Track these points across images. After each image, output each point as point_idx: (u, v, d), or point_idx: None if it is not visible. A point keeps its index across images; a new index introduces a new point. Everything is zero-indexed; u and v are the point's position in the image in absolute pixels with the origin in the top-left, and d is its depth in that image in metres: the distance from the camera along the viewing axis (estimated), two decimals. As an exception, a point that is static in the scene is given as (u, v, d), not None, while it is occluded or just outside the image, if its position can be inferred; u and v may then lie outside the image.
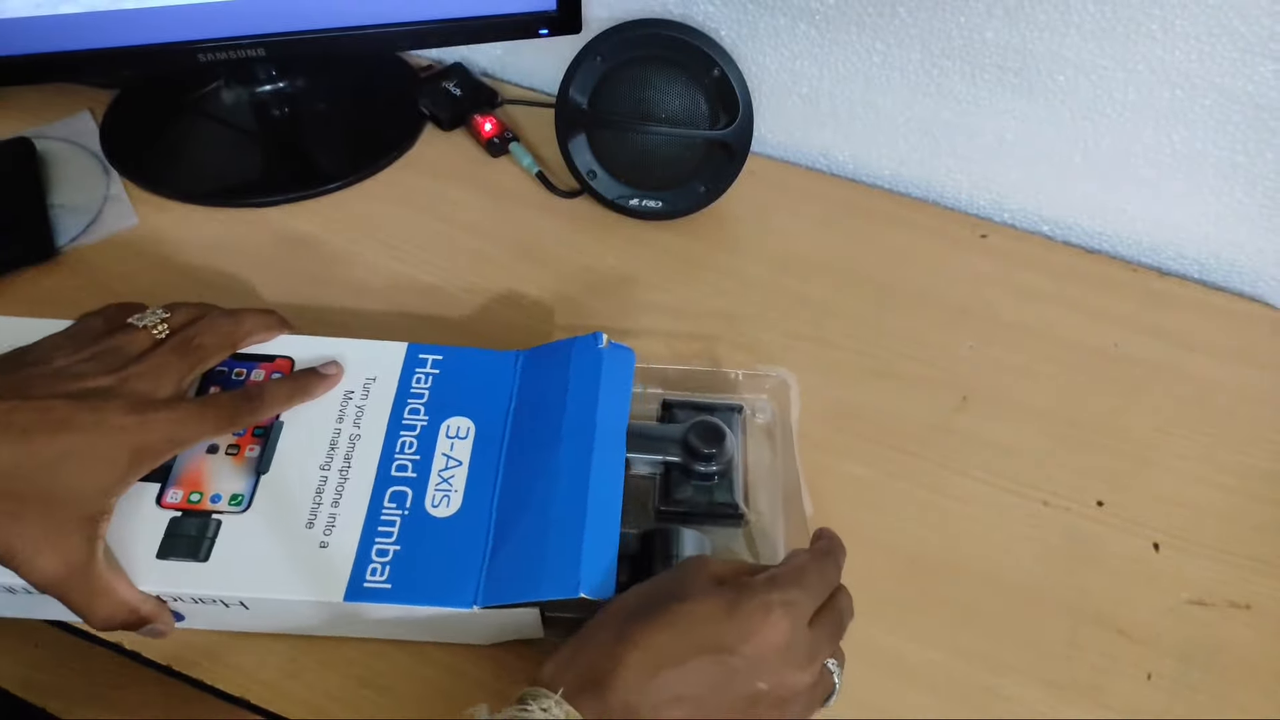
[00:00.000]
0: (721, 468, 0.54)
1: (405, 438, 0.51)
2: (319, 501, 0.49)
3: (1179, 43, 0.62)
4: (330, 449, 0.50)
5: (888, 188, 0.80)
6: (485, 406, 0.53)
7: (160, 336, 0.50)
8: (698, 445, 0.54)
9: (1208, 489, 0.60)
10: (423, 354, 0.55)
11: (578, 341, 0.54)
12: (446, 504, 0.49)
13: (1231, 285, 0.73)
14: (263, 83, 0.79)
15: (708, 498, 0.54)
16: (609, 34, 0.69)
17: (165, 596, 0.46)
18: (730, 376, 0.60)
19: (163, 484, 0.48)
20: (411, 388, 0.53)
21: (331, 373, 0.53)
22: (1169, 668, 0.52)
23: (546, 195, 0.76)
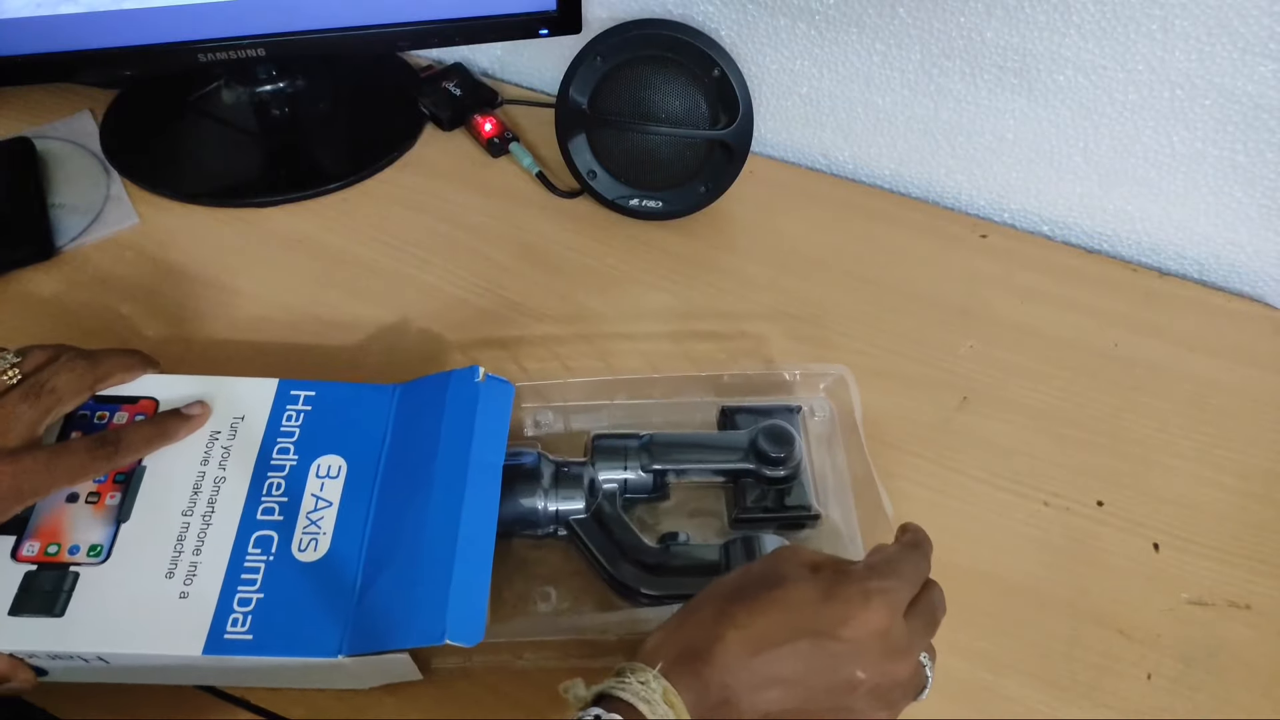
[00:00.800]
0: (790, 470, 0.54)
1: (273, 479, 0.49)
2: (180, 550, 0.47)
3: (1179, 43, 0.62)
4: (194, 494, 0.48)
5: (888, 188, 0.80)
6: (358, 443, 0.51)
7: (11, 382, 0.47)
8: (767, 449, 0.53)
9: (1208, 489, 0.60)
10: (295, 390, 0.53)
11: (454, 375, 0.52)
12: (314, 547, 0.47)
13: (1231, 285, 0.73)
14: (263, 83, 0.79)
15: (780, 501, 0.54)
16: (609, 34, 0.69)
17: (20, 654, 0.44)
18: (785, 377, 0.60)
19: (19, 536, 0.46)
20: (282, 426, 0.51)
21: (195, 413, 0.51)
22: (1169, 668, 0.52)
23: (546, 195, 0.76)
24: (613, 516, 0.52)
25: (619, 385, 0.58)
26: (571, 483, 0.52)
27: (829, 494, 0.56)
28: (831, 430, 0.58)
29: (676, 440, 0.55)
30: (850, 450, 0.56)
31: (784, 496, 0.54)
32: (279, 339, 0.65)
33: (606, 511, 0.52)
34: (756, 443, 0.54)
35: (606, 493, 0.53)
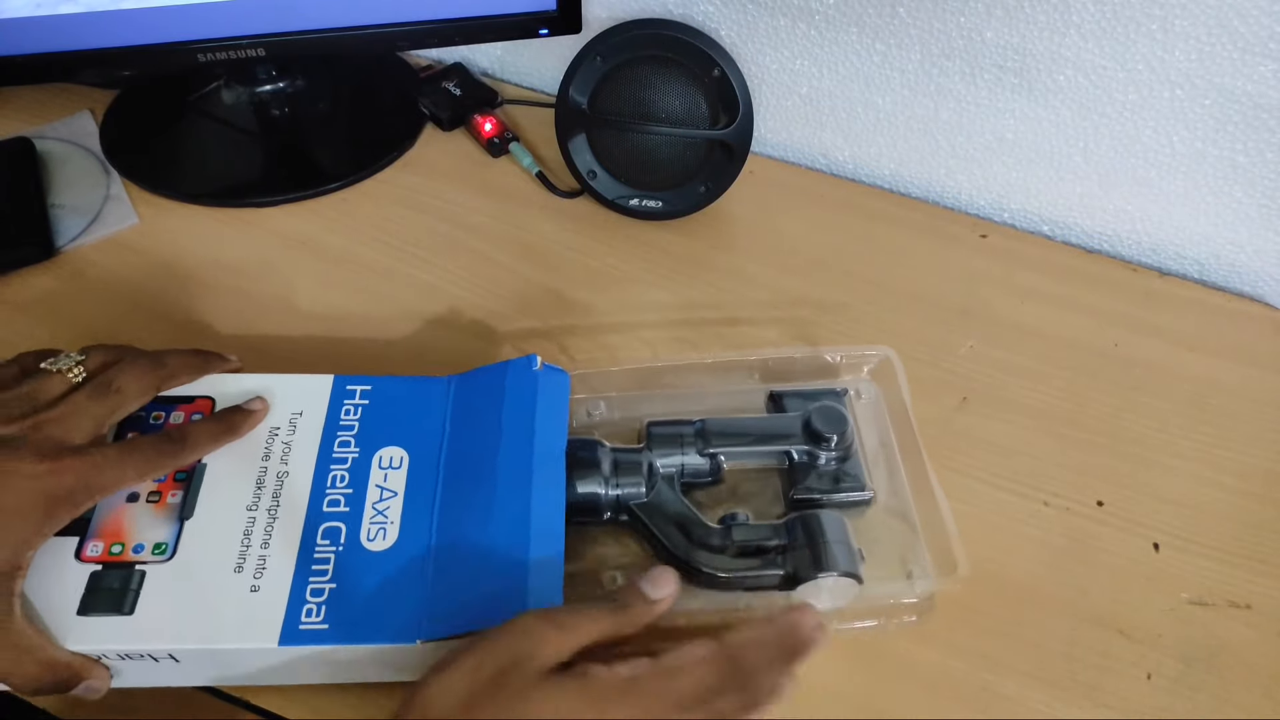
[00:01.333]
0: (843, 451, 0.55)
1: (336, 471, 0.50)
2: (248, 544, 0.47)
3: (1179, 43, 0.62)
4: (257, 489, 0.49)
5: (888, 188, 0.80)
6: (418, 435, 0.52)
7: (76, 380, 0.47)
8: (821, 430, 0.54)
9: (1208, 489, 0.60)
10: (350, 385, 0.53)
11: (512, 365, 0.53)
12: (383, 537, 0.48)
13: (1231, 285, 0.73)
14: (263, 83, 0.79)
15: (835, 482, 0.55)
16: (609, 34, 0.69)
17: (90, 655, 0.44)
18: (830, 360, 0.60)
19: (82, 537, 0.46)
20: (341, 420, 0.52)
21: (257, 408, 0.51)
22: (1169, 668, 0.52)
23: (546, 195, 0.76)
24: (673, 500, 0.53)
25: (664, 371, 0.59)
26: (631, 469, 0.53)
27: (880, 474, 0.57)
28: (879, 411, 0.59)
29: (731, 424, 0.56)
30: (899, 430, 0.57)
31: (838, 477, 0.55)
32: (278, 339, 0.65)
33: (666, 495, 0.53)
34: (810, 424, 0.55)
35: (665, 477, 0.54)
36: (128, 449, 0.46)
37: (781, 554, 0.51)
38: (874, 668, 0.52)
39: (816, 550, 0.50)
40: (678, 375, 0.59)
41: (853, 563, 0.50)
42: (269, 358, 0.64)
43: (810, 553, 0.50)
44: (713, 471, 0.55)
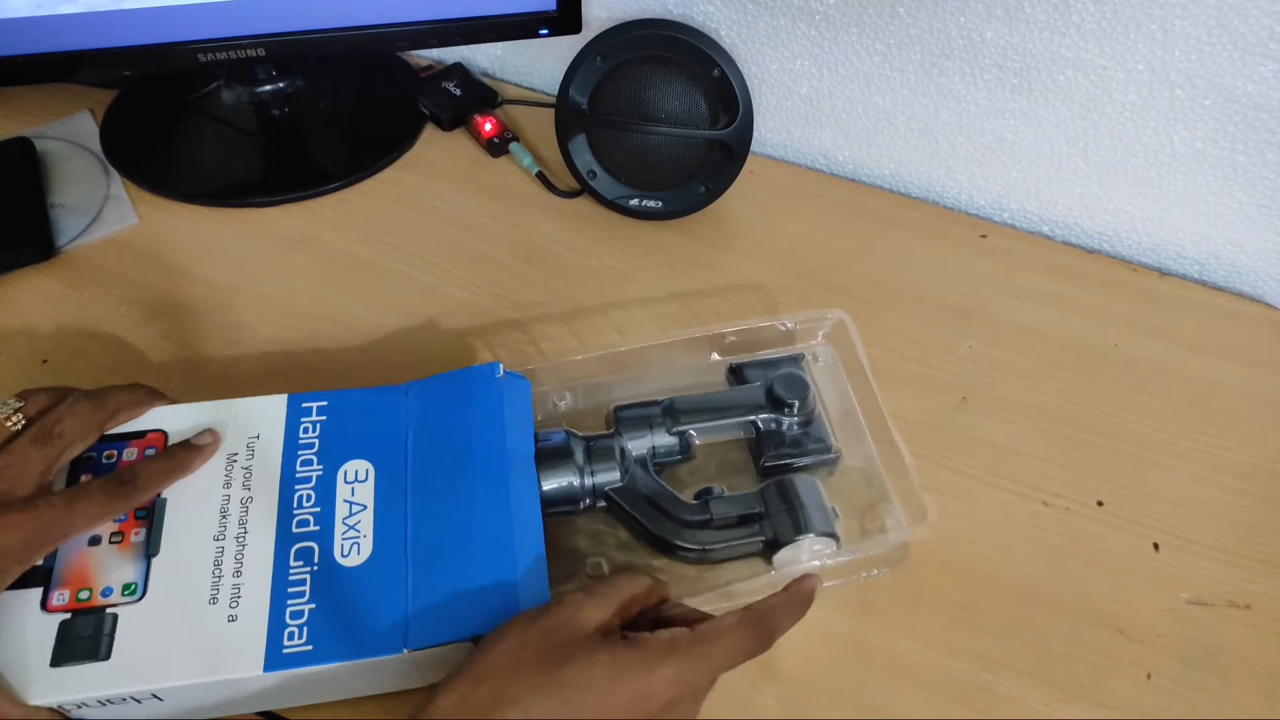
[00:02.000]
0: (807, 415, 0.57)
1: (301, 491, 0.49)
2: (219, 574, 0.46)
3: (1179, 43, 0.62)
4: (222, 518, 0.48)
5: (888, 188, 0.80)
6: (381, 446, 0.51)
7: (16, 428, 0.46)
8: (783, 397, 0.56)
9: (1208, 489, 0.60)
10: (305, 403, 0.52)
11: (475, 371, 0.53)
12: (357, 551, 0.47)
13: (1231, 285, 0.73)
14: (263, 83, 0.79)
15: (801, 447, 0.56)
16: (609, 34, 0.69)
17: (69, 705, 0.43)
18: (784, 328, 0.61)
19: (46, 586, 0.45)
20: (300, 439, 0.51)
21: (206, 442, 0.50)
22: (1169, 668, 0.52)
23: (546, 195, 0.76)
24: (647, 481, 0.54)
25: (626, 355, 0.60)
26: (603, 455, 0.53)
27: (845, 434, 0.58)
28: (836, 373, 0.60)
29: (696, 401, 0.57)
30: (858, 389, 0.59)
31: (804, 440, 0.56)
32: (279, 339, 0.65)
33: (640, 477, 0.54)
34: (772, 392, 0.56)
35: (637, 459, 0.54)
36: (76, 496, 0.45)
37: (759, 521, 0.52)
38: (874, 668, 0.52)
39: (794, 514, 0.52)
40: (639, 358, 0.60)
41: (828, 522, 0.52)
42: (269, 357, 0.64)
43: (788, 517, 0.52)
44: (683, 449, 0.56)
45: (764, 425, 0.57)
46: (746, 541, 0.52)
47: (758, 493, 0.53)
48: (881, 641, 0.53)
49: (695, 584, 0.52)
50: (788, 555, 0.51)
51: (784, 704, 0.50)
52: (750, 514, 0.52)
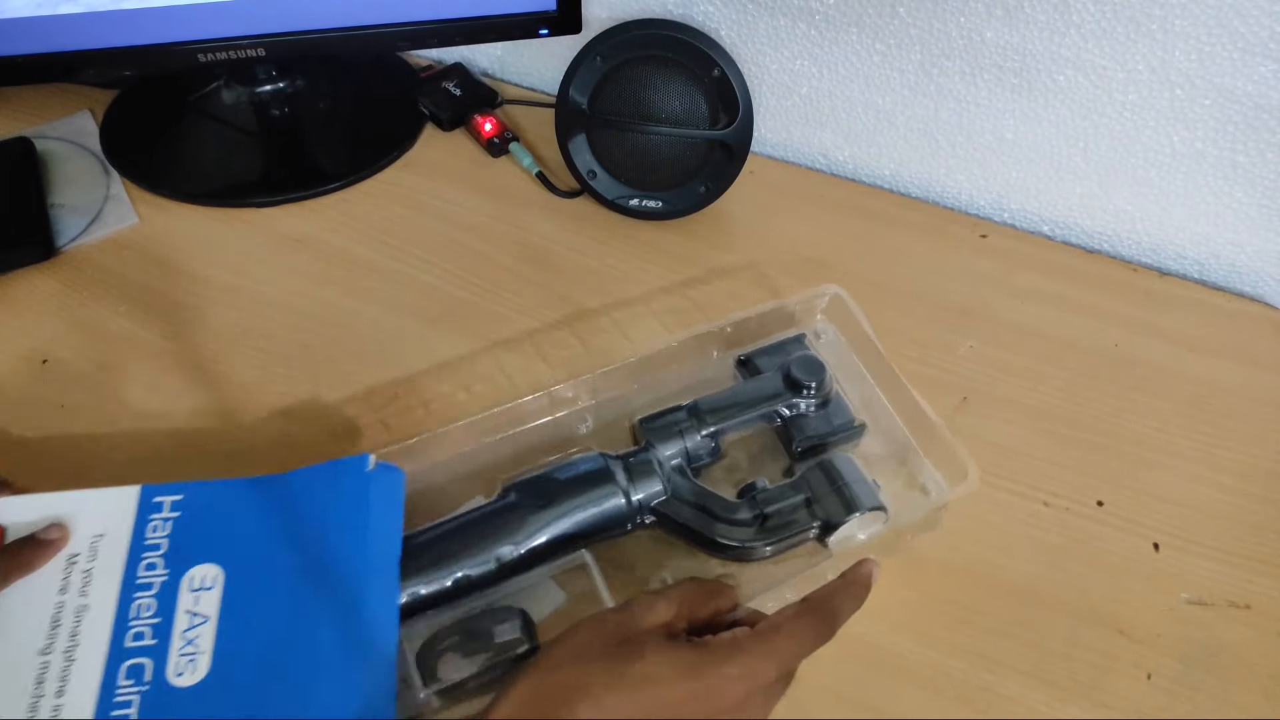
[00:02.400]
0: (824, 395, 0.57)
1: (141, 600, 0.44)
2: (40, 694, 0.42)
3: (1179, 43, 0.62)
4: (53, 628, 0.43)
5: (888, 188, 0.80)
6: (236, 548, 0.46)
7: None
8: (802, 380, 0.56)
9: (1208, 489, 0.60)
10: (159, 496, 0.48)
11: (343, 464, 0.49)
12: (192, 670, 0.43)
13: (1231, 285, 0.73)
14: (263, 83, 0.79)
15: (828, 425, 0.56)
16: (609, 34, 0.69)
17: None
18: (786, 310, 0.62)
19: None
20: (147, 539, 0.46)
21: (54, 537, 0.46)
22: (1169, 668, 0.52)
23: (546, 195, 0.76)
24: (689, 487, 0.54)
25: (641, 365, 0.59)
26: (643, 470, 0.53)
27: (864, 405, 0.58)
28: (841, 347, 0.61)
29: (719, 400, 0.57)
30: (866, 360, 0.59)
31: (829, 419, 0.57)
32: (277, 339, 0.65)
33: (682, 485, 0.54)
34: (790, 376, 0.57)
35: (675, 468, 0.54)
36: None
37: (809, 507, 0.52)
38: (874, 667, 0.52)
39: (841, 494, 0.52)
40: (652, 364, 0.60)
41: (875, 496, 0.52)
42: (267, 357, 0.64)
43: (836, 498, 0.52)
44: (715, 449, 0.56)
45: (788, 410, 0.57)
46: (802, 531, 0.52)
47: (801, 479, 0.54)
48: (882, 641, 0.53)
49: (756, 582, 0.52)
50: (843, 535, 0.52)
51: (784, 704, 0.50)
52: (798, 502, 0.53)
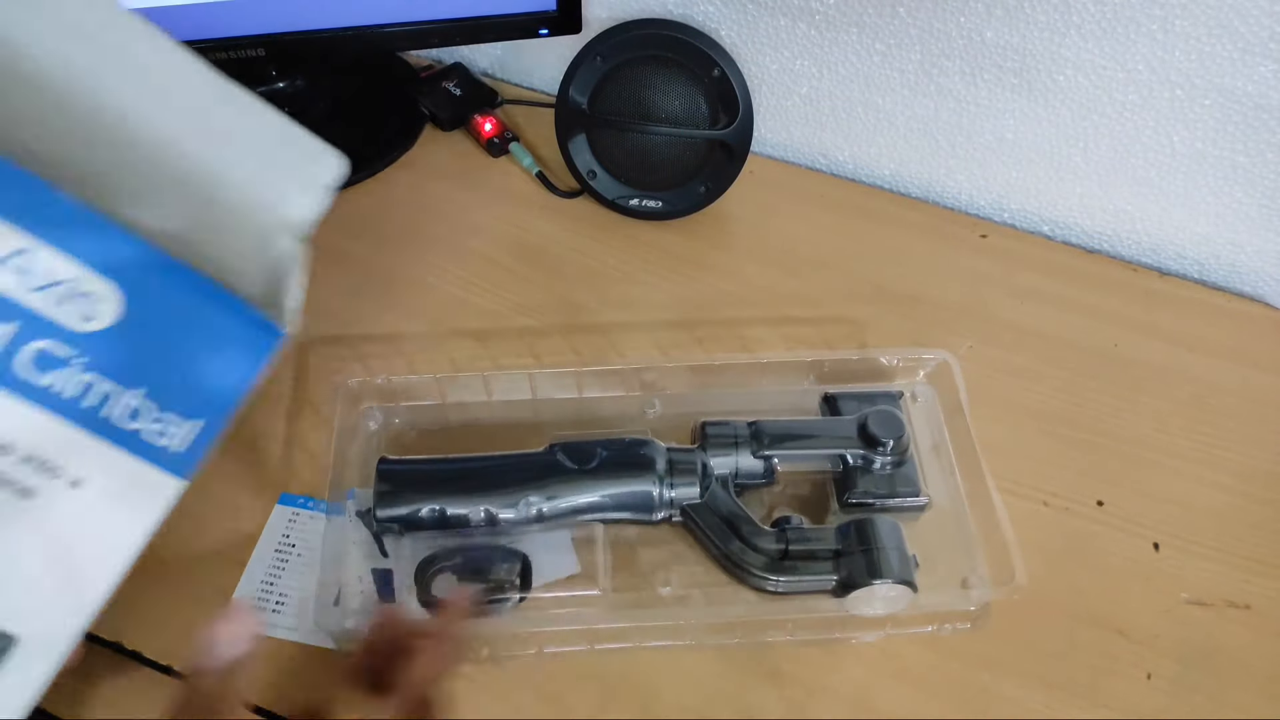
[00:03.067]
0: (899, 456, 0.55)
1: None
2: None
3: (1179, 43, 0.62)
4: None
5: (888, 188, 0.80)
6: None
7: None
8: (877, 434, 0.54)
9: (1208, 489, 0.60)
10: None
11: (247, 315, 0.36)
12: None
13: (1231, 285, 0.73)
14: (263, 83, 0.79)
15: (889, 487, 0.55)
16: (609, 34, 0.69)
17: None
18: (885, 362, 0.60)
19: None
20: None
21: None
22: (1168, 668, 0.52)
23: (546, 195, 0.76)
24: (726, 501, 0.53)
25: (720, 369, 0.59)
26: (685, 469, 0.53)
27: (936, 479, 0.56)
28: (933, 415, 0.59)
29: (785, 426, 0.56)
30: (954, 435, 0.57)
31: (892, 481, 0.55)
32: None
33: (720, 496, 0.53)
34: (866, 428, 0.55)
35: (718, 478, 0.54)
36: None
37: (835, 559, 0.51)
38: (873, 668, 0.52)
39: (871, 556, 0.50)
40: (738, 374, 0.60)
41: (908, 570, 0.50)
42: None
43: (864, 559, 0.50)
44: (766, 474, 0.55)
45: (852, 460, 0.55)
46: (819, 578, 0.51)
47: (837, 529, 0.52)
48: (881, 642, 0.53)
49: (758, 609, 0.52)
50: (861, 597, 0.50)
51: (784, 704, 0.50)
52: (827, 549, 0.51)
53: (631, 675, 0.51)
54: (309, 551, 0.55)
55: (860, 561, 0.50)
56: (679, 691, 0.51)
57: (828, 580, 0.51)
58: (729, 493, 0.53)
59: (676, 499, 0.52)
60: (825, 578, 0.51)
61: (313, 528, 0.56)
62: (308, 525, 0.56)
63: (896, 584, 0.49)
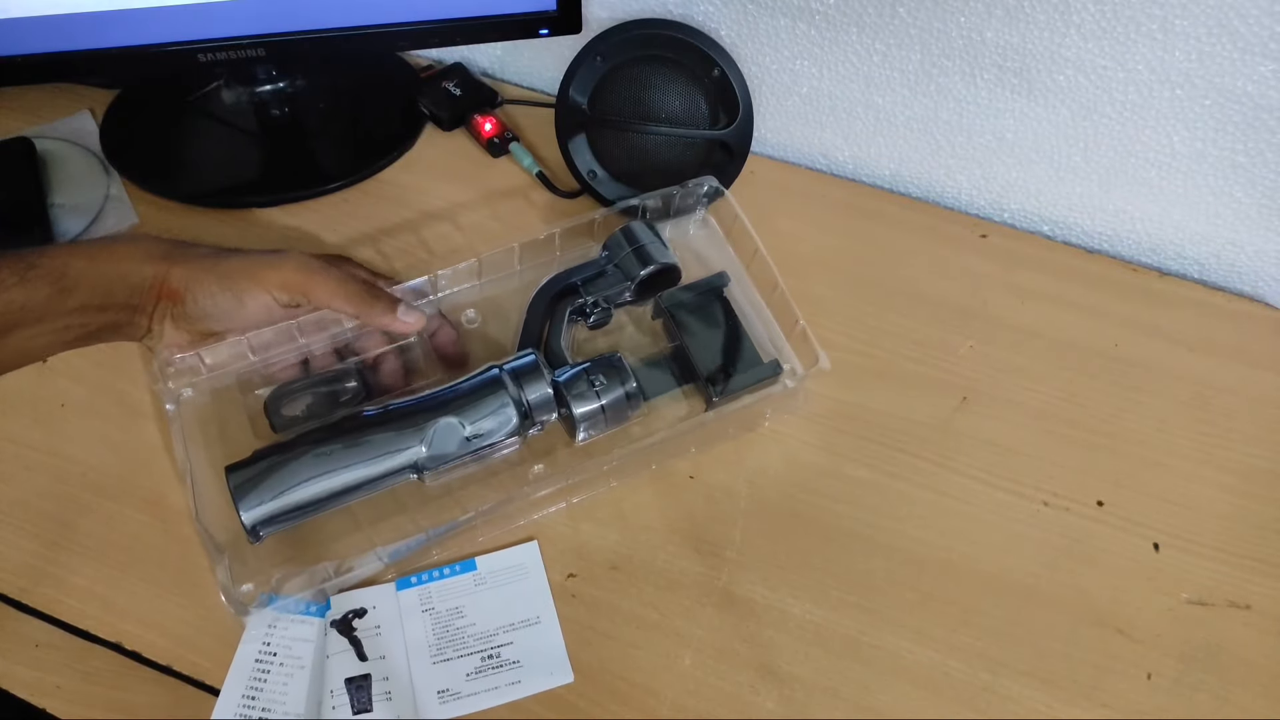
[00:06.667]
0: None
1: None
2: None
3: (1179, 43, 0.62)
4: None
5: (888, 188, 0.80)
6: None
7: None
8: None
9: (1208, 489, 0.60)
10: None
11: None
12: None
13: (1231, 285, 0.73)
14: (263, 83, 0.79)
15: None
16: (609, 34, 0.69)
17: None
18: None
19: None
20: None
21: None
22: (1169, 668, 0.52)
23: (546, 195, 0.76)
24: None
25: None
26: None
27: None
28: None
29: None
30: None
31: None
32: (279, 339, 0.65)
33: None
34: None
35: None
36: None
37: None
38: (874, 668, 0.52)
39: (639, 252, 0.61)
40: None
41: (667, 255, 0.62)
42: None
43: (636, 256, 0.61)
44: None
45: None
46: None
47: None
48: (881, 641, 0.53)
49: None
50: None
51: (784, 704, 0.50)
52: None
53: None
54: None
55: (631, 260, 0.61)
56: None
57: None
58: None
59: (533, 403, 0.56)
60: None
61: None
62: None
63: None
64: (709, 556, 0.56)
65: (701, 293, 0.64)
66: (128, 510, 0.56)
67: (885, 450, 0.61)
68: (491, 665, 0.51)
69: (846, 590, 0.54)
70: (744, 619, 0.53)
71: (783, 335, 0.62)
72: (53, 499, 0.57)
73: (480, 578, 0.54)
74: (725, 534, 0.57)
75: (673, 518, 0.57)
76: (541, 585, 0.54)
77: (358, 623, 0.52)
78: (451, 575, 0.54)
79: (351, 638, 0.52)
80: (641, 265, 0.61)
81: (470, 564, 0.55)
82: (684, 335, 0.62)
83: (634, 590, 0.54)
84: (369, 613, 0.53)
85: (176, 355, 0.57)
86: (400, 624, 0.52)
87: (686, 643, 0.53)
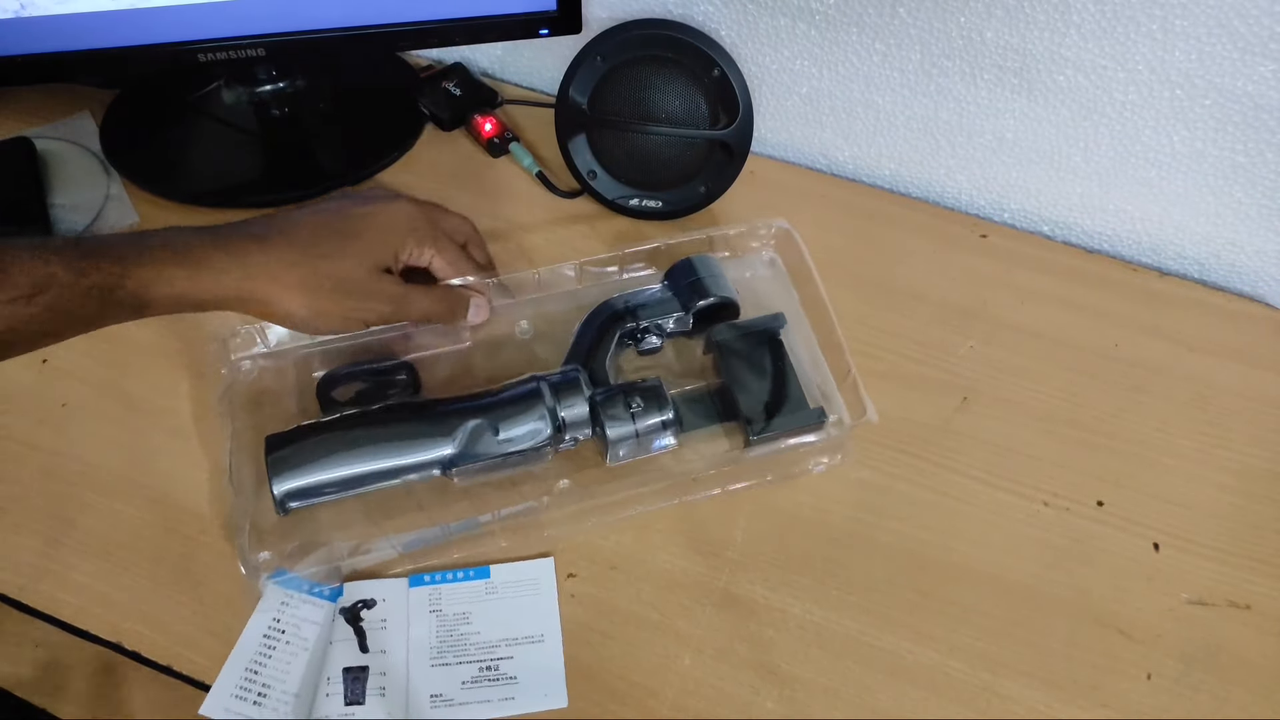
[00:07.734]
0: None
1: None
2: None
3: (1179, 43, 0.62)
4: None
5: (888, 188, 0.80)
6: None
7: None
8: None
9: (1208, 489, 0.60)
10: None
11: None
12: None
13: (1231, 285, 0.73)
14: (263, 83, 0.79)
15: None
16: (609, 34, 0.69)
17: None
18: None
19: None
20: None
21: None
22: (1169, 668, 0.52)
23: (546, 195, 0.76)
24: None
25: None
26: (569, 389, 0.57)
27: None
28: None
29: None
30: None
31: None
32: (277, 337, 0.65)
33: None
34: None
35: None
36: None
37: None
38: (874, 667, 0.52)
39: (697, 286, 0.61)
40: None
41: (728, 289, 0.62)
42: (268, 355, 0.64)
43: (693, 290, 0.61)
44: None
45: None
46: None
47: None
48: (881, 641, 0.53)
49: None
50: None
51: (784, 704, 0.50)
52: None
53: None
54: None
55: (689, 292, 0.62)
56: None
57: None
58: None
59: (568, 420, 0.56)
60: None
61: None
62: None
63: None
64: (709, 556, 0.56)
65: (756, 332, 0.62)
66: (128, 509, 0.56)
67: (886, 450, 0.61)
68: (488, 677, 0.51)
69: (846, 590, 0.54)
70: (744, 619, 0.53)
71: (834, 383, 0.60)
72: (53, 497, 0.57)
73: (492, 586, 0.54)
74: (725, 534, 0.57)
75: (673, 517, 0.57)
76: (551, 603, 0.54)
77: (365, 613, 0.52)
78: (464, 580, 0.54)
79: (357, 628, 0.52)
80: (699, 297, 0.61)
81: (484, 571, 0.55)
82: (731, 372, 0.60)
83: (634, 590, 0.54)
84: (378, 605, 0.53)
85: (240, 326, 0.59)
86: (406, 621, 0.52)
87: (686, 643, 0.53)
